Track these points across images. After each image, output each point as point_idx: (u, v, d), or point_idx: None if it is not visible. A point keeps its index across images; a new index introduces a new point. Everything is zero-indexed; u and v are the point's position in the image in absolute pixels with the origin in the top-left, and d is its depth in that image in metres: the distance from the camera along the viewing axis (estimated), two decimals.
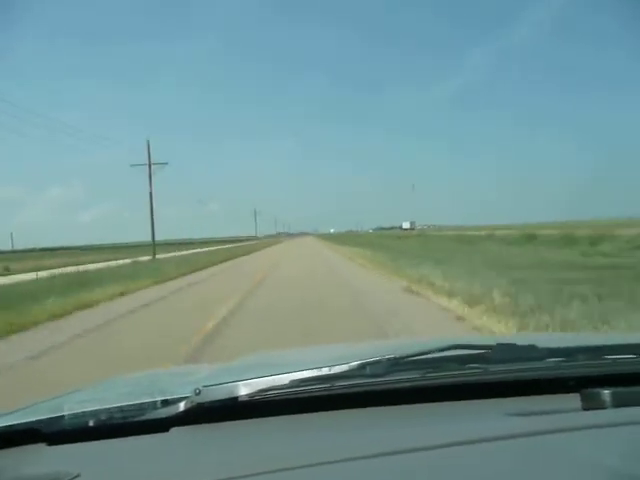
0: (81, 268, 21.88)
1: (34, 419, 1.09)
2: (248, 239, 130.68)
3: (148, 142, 35.91)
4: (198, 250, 52.41)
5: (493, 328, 6.56)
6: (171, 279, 17.58)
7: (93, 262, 32.52)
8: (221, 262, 29.28)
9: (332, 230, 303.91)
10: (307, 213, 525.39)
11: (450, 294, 9.42)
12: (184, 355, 5.84)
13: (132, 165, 36.04)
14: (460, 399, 1.12)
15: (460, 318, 7.56)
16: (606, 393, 1.02)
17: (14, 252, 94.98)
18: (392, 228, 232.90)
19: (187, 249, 60.01)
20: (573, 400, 1.06)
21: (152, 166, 36.18)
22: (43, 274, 19.46)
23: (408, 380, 1.12)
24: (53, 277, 17.90)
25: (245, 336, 6.84)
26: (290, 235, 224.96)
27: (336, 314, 8.33)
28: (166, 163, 36.19)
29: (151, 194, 36.16)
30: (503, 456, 0.85)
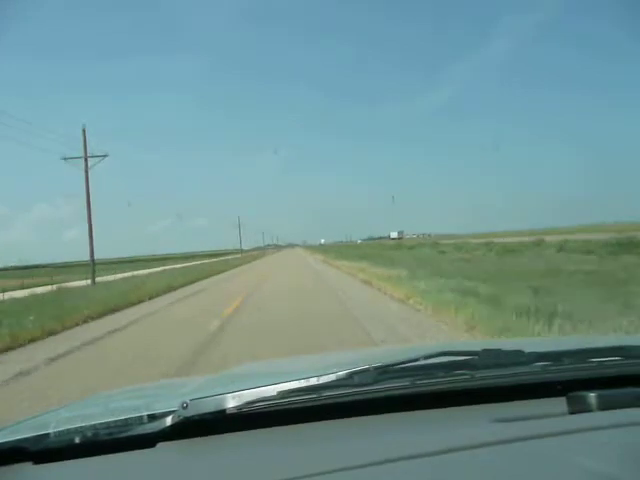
0: None
1: (19, 437, 1.07)
2: (233, 252, 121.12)
3: (84, 130, 26.68)
4: (164, 268, 42.81)
5: None
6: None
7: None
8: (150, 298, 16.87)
9: (322, 241, 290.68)
10: (295, 225, 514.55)
11: None
12: None
13: (65, 158, 26.70)
14: (448, 406, 1.12)
15: None
16: (592, 396, 1.03)
17: None
18: (381, 238, 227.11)
19: (159, 265, 53.27)
20: (560, 404, 1.06)
21: (90, 159, 26.85)
22: None
23: (396, 388, 1.12)
24: None
25: None
26: (278, 247, 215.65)
27: None
28: (106, 155, 26.93)
29: (88, 194, 26.81)
30: (492, 462, 0.85)
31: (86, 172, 26.49)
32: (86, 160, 26.58)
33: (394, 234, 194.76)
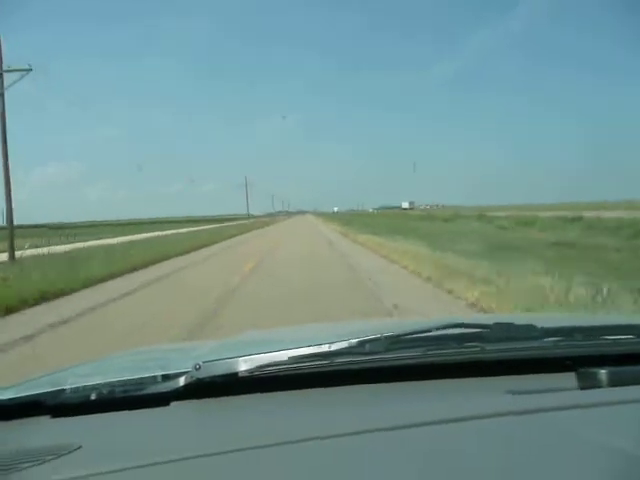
0: None
1: (37, 392, 1.10)
2: (241, 218, 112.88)
3: None
4: (159, 233, 35.45)
5: None
6: None
7: None
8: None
9: (336, 209, 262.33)
10: (305, 192, 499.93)
11: None
12: None
13: None
14: (458, 377, 1.12)
15: None
16: (602, 372, 1.03)
17: None
18: (392, 207, 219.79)
19: (164, 229, 47.68)
20: (570, 379, 1.06)
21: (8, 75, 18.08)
22: None
23: (407, 357, 1.13)
24: None
25: None
26: (289, 214, 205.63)
27: None
28: (28, 69, 18.40)
29: (3, 120, 18.14)
30: (499, 433, 0.85)
31: (1, 91, 17.47)
32: (1, 75, 17.56)
33: (405, 204, 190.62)
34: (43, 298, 9.09)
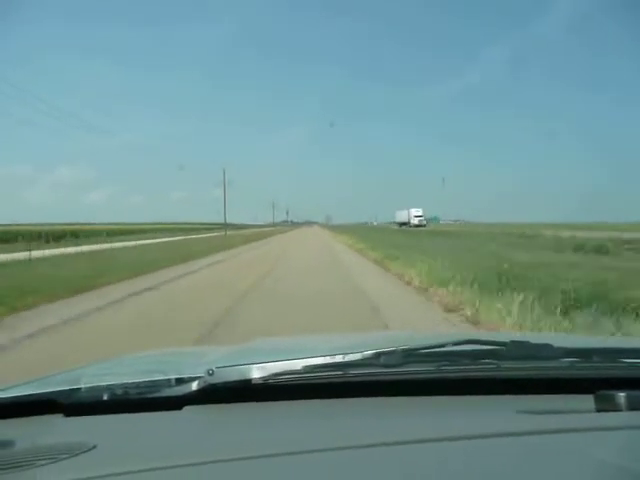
0: None
1: (52, 390, 1.14)
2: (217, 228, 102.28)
3: None
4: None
5: None
6: None
7: None
8: None
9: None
10: (317, 204, 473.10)
11: None
12: None
13: None
14: (472, 394, 1.16)
15: None
16: (621, 395, 1.04)
17: None
18: (391, 223, 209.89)
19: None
20: (587, 401, 1.08)
21: None
22: None
23: (421, 372, 1.16)
24: None
25: None
26: (295, 224, 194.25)
27: None
28: None
29: None
30: (512, 453, 0.88)
31: None
32: None
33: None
34: None
